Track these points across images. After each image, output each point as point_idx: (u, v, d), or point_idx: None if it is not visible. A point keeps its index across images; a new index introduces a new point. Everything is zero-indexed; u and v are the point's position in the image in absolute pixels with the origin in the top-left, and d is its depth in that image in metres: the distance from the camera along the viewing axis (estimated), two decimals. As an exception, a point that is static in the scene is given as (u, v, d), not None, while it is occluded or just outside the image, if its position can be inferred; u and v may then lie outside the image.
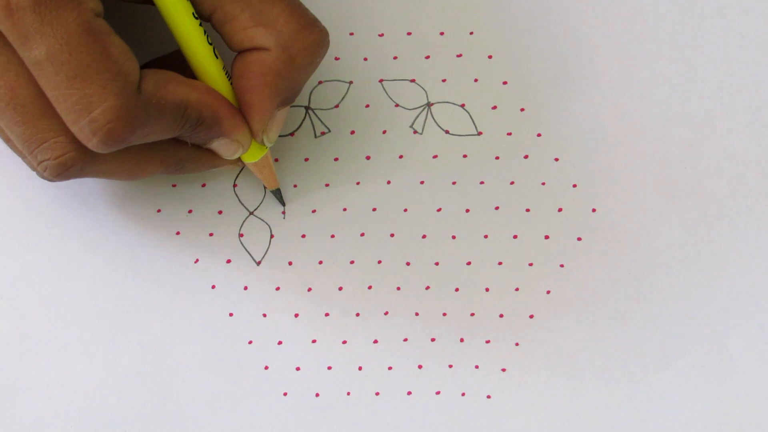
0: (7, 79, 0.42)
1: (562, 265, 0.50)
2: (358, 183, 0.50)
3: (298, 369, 0.49)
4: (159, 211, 0.49)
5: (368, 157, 0.50)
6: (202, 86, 0.44)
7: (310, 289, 0.49)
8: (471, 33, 0.50)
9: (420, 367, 0.49)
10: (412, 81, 0.50)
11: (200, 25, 0.43)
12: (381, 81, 0.50)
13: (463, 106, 0.50)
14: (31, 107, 0.42)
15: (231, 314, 0.49)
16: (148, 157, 0.45)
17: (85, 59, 0.40)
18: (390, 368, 0.49)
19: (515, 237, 0.50)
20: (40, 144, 0.43)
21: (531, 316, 0.49)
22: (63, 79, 0.41)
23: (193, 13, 0.43)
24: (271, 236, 0.49)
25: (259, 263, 0.49)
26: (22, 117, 0.43)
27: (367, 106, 0.50)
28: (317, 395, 0.49)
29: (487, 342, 0.49)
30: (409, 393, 0.49)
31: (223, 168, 0.47)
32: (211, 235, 0.49)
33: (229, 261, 0.49)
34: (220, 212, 0.49)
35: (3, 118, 0.43)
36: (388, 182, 0.50)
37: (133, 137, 0.42)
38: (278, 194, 0.49)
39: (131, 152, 0.44)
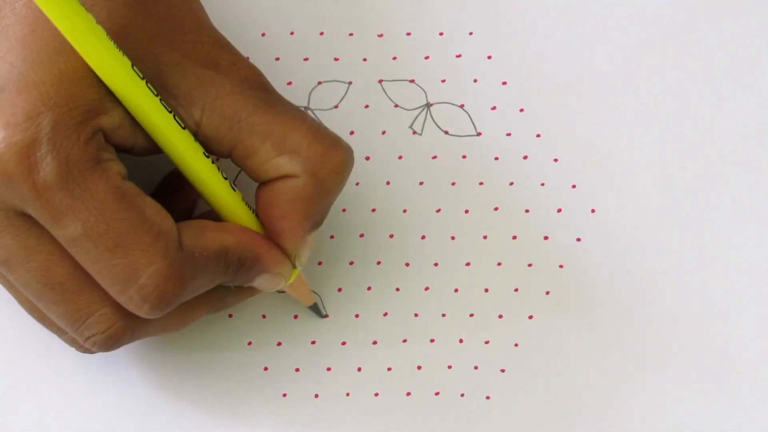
0: (39, 261, 0.41)
1: (561, 266, 0.49)
2: (357, 183, 0.50)
3: (297, 370, 0.49)
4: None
5: (367, 158, 0.50)
6: (235, 227, 0.43)
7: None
8: (470, 33, 0.50)
9: (419, 367, 0.49)
10: (412, 81, 0.50)
11: (213, 162, 0.43)
12: (380, 81, 0.50)
13: (462, 106, 0.50)
14: (69, 284, 0.41)
15: (230, 315, 0.49)
16: (191, 306, 0.44)
17: (122, 227, 0.39)
18: (389, 369, 0.49)
19: (514, 238, 0.50)
20: (85, 320, 0.42)
21: (530, 317, 0.49)
22: (103, 251, 0.39)
23: (203, 153, 0.42)
24: None
25: (258, 264, 0.49)
26: (61, 296, 0.41)
27: (367, 106, 0.50)
28: (316, 396, 0.49)
29: (486, 343, 0.49)
30: (408, 394, 0.49)
31: (263, 294, 0.47)
32: (210, 235, 0.49)
33: (228, 262, 0.49)
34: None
35: (40, 300, 0.42)
36: (388, 183, 0.50)
37: (183, 295, 0.41)
38: (315, 308, 0.49)
39: (176, 307, 0.43)
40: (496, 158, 0.50)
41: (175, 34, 0.42)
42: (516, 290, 0.49)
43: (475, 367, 0.49)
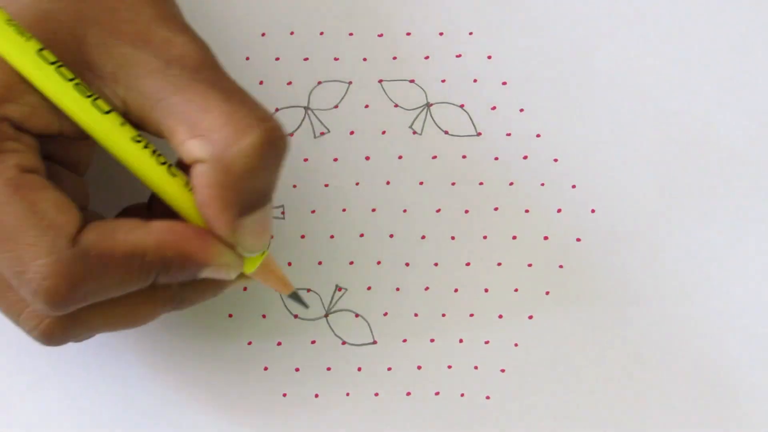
0: None
1: (561, 266, 0.49)
2: (357, 183, 0.50)
3: (297, 370, 0.49)
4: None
5: (367, 158, 0.50)
6: (158, 226, 0.40)
7: (309, 290, 0.49)
8: (470, 33, 0.50)
9: (419, 367, 0.49)
10: (412, 81, 0.50)
11: (145, 146, 0.41)
12: (380, 81, 0.50)
13: (462, 106, 0.50)
14: None
15: (230, 315, 0.49)
16: (139, 303, 0.42)
17: (10, 220, 0.38)
18: (389, 369, 0.49)
19: (514, 238, 0.50)
20: (18, 315, 0.41)
21: (530, 317, 0.49)
22: None
23: (133, 138, 0.41)
24: (270, 237, 0.49)
25: (258, 264, 0.49)
26: None
27: (367, 106, 0.50)
28: (316, 396, 0.49)
29: (486, 343, 0.49)
30: (408, 394, 0.49)
31: (233, 287, 0.44)
32: (210, 235, 0.49)
33: (228, 262, 0.49)
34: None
35: None
36: (388, 183, 0.50)
37: (79, 294, 0.39)
38: (296, 297, 0.46)
39: (116, 303, 0.41)
40: (496, 158, 0.50)
41: (106, 14, 0.41)
42: (516, 290, 0.49)
43: (475, 367, 0.49)
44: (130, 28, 0.41)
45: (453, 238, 0.50)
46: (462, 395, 0.49)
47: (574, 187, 0.50)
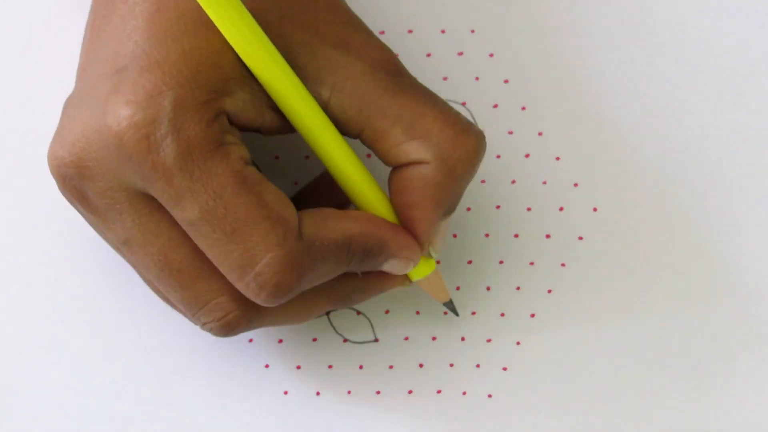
0: (158, 245, 0.41)
1: (563, 264, 0.50)
2: (359, 181, 0.50)
3: (298, 367, 0.49)
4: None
5: (369, 156, 0.50)
6: (360, 215, 0.42)
7: (310, 288, 0.49)
8: (472, 31, 0.50)
9: (421, 366, 0.49)
10: (413, 79, 0.50)
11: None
12: (382, 79, 0.50)
13: (464, 104, 0.50)
14: (187, 270, 0.41)
15: (231, 313, 0.49)
16: (314, 298, 0.44)
17: (241, 212, 0.39)
18: (391, 367, 0.49)
19: (516, 236, 0.50)
20: (202, 307, 0.42)
21: (532, 315, 0.49)
22: (221, 236, 0.39)
23: (339, 133, 0.42)
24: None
25: (259, 262, 0.49)
26: (179, 281, 0.41)
27: (368, 104, 0.50)
28: (318, 394, 0.49)
29: (489, 341, 0.49)
30: (410, 392, 0.49)
31: (393, 289, 0.46)
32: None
33: (229, 259, 0.49)
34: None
35: (160, 284, 0.42)
36: (389, 181, 0.50)
37: (301, 285, 0.40)
38: (450, 305, 0.48)
39: (297, 297, 0.43)
40: (498, 156, 0.50)
41: (306, 14, 0.41)
42: (518, 288, 0.49)
43: (477, 366, 0.49)
44: (330, 29, 0.42)
45: (455, 236, 0.50)
46: (464, 394, 0.49)
47: (576, 185, 0.50)
